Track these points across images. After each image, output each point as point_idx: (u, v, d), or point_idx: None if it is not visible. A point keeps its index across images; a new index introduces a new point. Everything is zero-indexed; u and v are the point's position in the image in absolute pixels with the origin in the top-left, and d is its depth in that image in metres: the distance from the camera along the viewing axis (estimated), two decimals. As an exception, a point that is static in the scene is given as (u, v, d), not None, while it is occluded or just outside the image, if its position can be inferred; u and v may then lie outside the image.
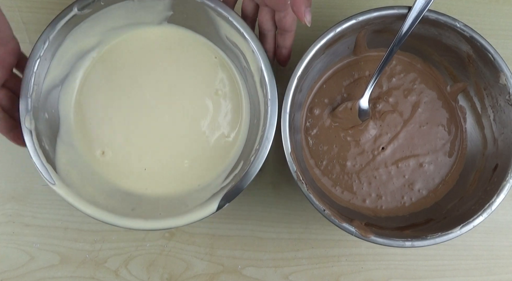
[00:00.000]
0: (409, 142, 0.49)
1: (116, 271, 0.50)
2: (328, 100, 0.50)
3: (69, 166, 0.43)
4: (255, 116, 0.46)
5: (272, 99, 0.41)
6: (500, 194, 0.42)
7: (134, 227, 0.40)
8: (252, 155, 0.42)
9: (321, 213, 0.41)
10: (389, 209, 0.48)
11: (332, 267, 0.51)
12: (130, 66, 0.47)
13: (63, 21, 0.41)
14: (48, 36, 0.41)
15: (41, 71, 0.41)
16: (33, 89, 0.40)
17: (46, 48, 0.41)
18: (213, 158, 0.47)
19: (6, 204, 0.50)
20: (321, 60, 0.47)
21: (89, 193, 0.42)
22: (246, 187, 0.40)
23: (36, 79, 0.41)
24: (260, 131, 0.42)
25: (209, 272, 0.50)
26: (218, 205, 0.40)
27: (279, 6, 0.39)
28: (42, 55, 0.41)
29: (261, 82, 0.42)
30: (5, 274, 0.50)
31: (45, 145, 0.41)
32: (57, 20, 0.41)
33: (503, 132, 0.45)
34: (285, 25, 0.41)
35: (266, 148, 0.41)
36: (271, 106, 0.41)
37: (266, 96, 0.42)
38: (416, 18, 0.43)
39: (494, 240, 0.53)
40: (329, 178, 0.48)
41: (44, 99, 0.42)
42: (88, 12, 0.42)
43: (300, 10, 0.36)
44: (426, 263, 0.52)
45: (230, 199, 0.40)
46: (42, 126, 0.42)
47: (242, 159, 0.45)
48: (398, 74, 0.50)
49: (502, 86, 0.44)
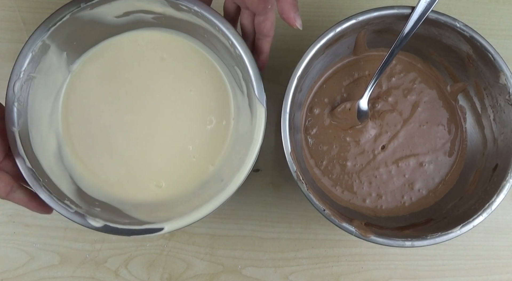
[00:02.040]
0: (409, 141, 0.49)
1: (116, 271, 0.50)
2: (328, 99, 0.50)
3: (52, 169, 0.42)
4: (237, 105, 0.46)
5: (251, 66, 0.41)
6: (500, 193, 0.42)
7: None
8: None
9: (321, 212, 0.41)
10: (389, 208, 0.48)
11: (332, 267, 0.51)
12: (123, 69, 0.46)
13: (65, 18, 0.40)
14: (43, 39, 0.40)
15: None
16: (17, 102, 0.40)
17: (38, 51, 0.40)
18: (188, 181, 0.46)
19: (6, 204, 0.50)
20: (321, 60, 0.47)
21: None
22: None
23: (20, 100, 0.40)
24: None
25: (209, 272, 0.50)
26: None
27: (259, 10, 0.39)
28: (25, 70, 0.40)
29: (241, 67, 0.42)
30: (5, 274, 0.50)
31: (29, 149, 0.40)
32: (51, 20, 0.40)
33: (503, 132, 0.45)
34: (264, 29, 0.40)
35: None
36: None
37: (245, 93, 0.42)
38: (418, 21, 0.43)
39: (494, 240, 0.53)
40: (329, 178, 0.48)
41: (32, 94, 0.42)
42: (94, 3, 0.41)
43: (290, 17, 0.37)
44: (426, 263, 0.52)
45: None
46: (23, 124, 0.41)
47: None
48: (398, 74, 0.50)
49: (502, 86, 0.44)
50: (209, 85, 0.47)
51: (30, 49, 0.40)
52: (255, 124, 0.41)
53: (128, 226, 0.39)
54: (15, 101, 0.39)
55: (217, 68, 0.47)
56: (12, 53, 0.52)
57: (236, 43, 0.41)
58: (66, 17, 0.40)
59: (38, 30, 0.40)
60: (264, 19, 0.40)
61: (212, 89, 0.47)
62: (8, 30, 0.52)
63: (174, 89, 0.46)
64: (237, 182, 0.40)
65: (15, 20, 0.52)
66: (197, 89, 0.46)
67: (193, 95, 0.46)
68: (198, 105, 0.46)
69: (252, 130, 0.41)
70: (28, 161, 0.39)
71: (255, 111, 0.41)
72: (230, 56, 0.44)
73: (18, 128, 0.39)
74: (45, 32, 0.40)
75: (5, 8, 0.53)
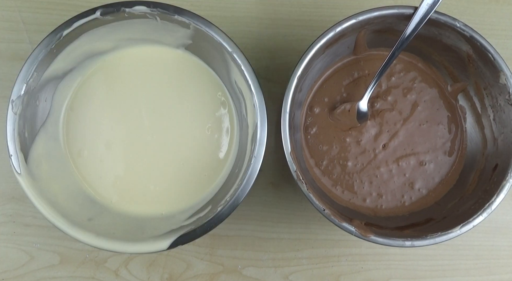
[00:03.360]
0: (409, 140, 0.49)
1: (116, 271, 0.50)
2: (328, 99, 0.50)
3: (42, 158, 0.43)
4: (237, 166, 0.45)
5: (257, 157, 0.41)
6: (500, 193, 0.42)
7: (80, 239, 0.39)
8: (221, 205, 0.41)
9: (321, 212, 0.41)
10: (389, 208, 0.48)
11: (332, 267, 0.51)
12: (133, 80, 0.47)
13: (82, 21, 0.41)
14: (62, 32, 0.40)
15: (45, 61, 0.41)
16: (32, 75, 0.40)
17: (58, 43, 0.41)
18: (185, 192, 0.46)
19: (6, 204, 0.50)
20: (321, 60, 0.47)
21: (52, 190, 0.42)
22: (203, 235, 0.40)
23: (38, 67, 0.40)
24: (236, 184, 0.42)
25: (209, 272, 0.50)
26: (171, 243, 0.39)
27: None
28: (53, 48, 0.41)
29: (252, 137, 0.42)
30: (5, 274, 0.50)
31: (26, 132, 0.41)
32: (76, 19, 0.41)
33: (503, 132, 0.45)
34: None
35: (237, 201, 0.40)
36: (253, 164, 0.40)
37: (252, 153, 0.41)
38: (419, 23, 0.43)
39: (494, 240, 0.53)
40: (330, 178, 0.48)
41: (41, 86, 0.42)
42: (109, 19, 0.42)
43: None
44: (426, 263, 0.52)
45: (185, 241, 0.39)
46: (29, 113, 0.42)
47: (211, 204, 0.44)
48: (397, 73, 0.50)
49: (502, 86, 0.44)
50: (206, 97, 0.48)
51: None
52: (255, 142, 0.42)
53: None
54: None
55: (218, 80, 0.48)
56: (12, 53, 0.52)
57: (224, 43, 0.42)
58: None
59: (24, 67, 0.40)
60: None
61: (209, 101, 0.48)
62: (8, 30, 0.52)
63: (176, 102, 0.47)
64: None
65: (15, 20, 0.52)
66: (194, 100, 0.47)
67: (192, 106, 0.47)
68: (198, 117, 0.47)
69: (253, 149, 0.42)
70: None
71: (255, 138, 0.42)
72: (224, 64, 0.45)
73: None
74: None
75: (5, 8, 0.53)
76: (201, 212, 0.44)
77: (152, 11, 0.41)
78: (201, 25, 0.41)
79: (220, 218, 0.40)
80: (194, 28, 0.42)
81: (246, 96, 0.43)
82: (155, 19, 0.42)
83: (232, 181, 0.44)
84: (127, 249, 0.39)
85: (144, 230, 0.43)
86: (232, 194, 0.41)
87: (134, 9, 0.41)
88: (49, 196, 0.41)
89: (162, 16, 0.42)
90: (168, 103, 0.47)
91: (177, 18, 0.41)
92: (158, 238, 0.40)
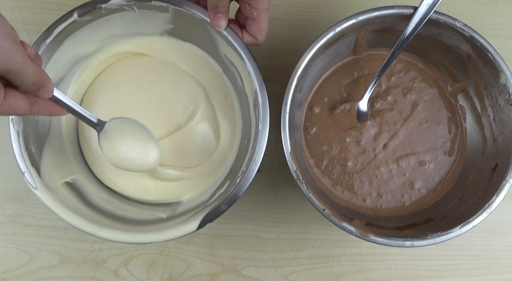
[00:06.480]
0: (409, 139, 0.49)
1: (116, 271, 0.50)
2: (328, 99, 0.50)
3: (53, 170, 0.43)
4: (245, 137, 0.45)
5: (264, 122, 0.41)
6: (500, 193, 0.42)
7: (112, 238, 0.39)
8: (239, 176, 0.41)
9: (321, 212, 0.41)
10: (389, 208, 0.48)
11: (332, 267, 0.51)
12: (127, 79, 0.47)
13: (61, 27, 0.40)
14: (45, 41, 0.40)
15: None
16: None
17: (42, 52, 0.40)
18: (202, 174, 0.47)
19: (6, 204, 0.50)
20: (321, 59, 0.47)
21: (71, 199, 0.42)
22: (229, 208, 0.40)
23: None
24: (249, 153, 0.42)
25: (209, 272, 0.50)
26: (199, 223, 0.39)
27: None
28: None
29: (254, 104, 0.42)
30: (5, 274, 0.50)
31: (32, 147, 0.41)
32: (56, 25, 0.40)
33: (503, 132, 0.45)
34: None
35: (253, 170, 0.40)
36: (262, 129, 0.41)
37: (258, 119, 0.41)
38: (419, 23, 0.43)
39: (494, 240, 0.53)
40: (330, 178, 0.48)
41: None
42: (88, 19, 0.41)
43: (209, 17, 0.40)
44: (426, 263, 0.52)
45: (212, 219, 0.40)
46: (31, 129, 0.41)
47: (229, 179, 0.45)
48: (397, 73, 0.50)
49: (502, 86, 0.44)
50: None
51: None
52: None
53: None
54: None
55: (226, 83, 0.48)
56: (12, 53, 0.52)
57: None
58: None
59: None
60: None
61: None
62: (8, 30, 0.52)
63: (172, 88, 0.47)
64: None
65: (15, 20, 0.52)
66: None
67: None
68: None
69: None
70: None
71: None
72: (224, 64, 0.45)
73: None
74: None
75: (5, 8, 0.53)
76: (221, 188, 0.44)
77: (128, 2, 0.41)
78: (180, 4, 0.41)
79: (241, 188, 0.40)
80: (173, 10, 0.41)
81: (239, 66, 0.43)
82: (132, 10, 0.42)
83: (244, 152, 0.44)
84: (160, 237, 0.39)
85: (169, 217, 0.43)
86: (247, 163, 0.41)
87: (110, 4, 0.41)
88: (69, 204, 0.41)
89: (139, 5, 0.41)
90: (163, 93, 0.47)
91: (154, 4, 0.41)
92: (185, 221, 0.40)
